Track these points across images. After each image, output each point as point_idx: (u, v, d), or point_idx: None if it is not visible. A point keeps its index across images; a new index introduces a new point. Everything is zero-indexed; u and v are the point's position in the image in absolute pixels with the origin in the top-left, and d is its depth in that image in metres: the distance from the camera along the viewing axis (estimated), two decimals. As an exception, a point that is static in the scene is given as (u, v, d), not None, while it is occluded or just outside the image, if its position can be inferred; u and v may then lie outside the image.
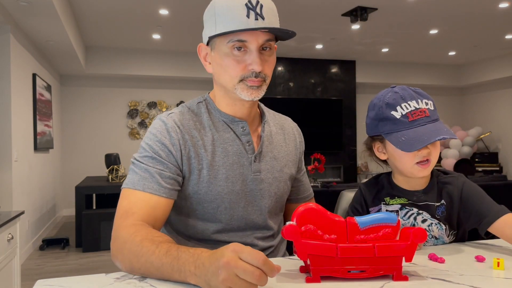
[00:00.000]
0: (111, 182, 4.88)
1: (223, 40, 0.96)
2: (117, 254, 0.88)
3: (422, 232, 0.77)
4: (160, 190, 0.96)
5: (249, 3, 0.93)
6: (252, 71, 0.96)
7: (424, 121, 1.00)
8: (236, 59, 0.96)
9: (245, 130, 1.06)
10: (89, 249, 4.36)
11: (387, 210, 1.09)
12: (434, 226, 1.07)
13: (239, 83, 0.98)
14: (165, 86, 7.29)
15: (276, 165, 1.11)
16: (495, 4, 4.85)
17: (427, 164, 1.03)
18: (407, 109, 1.01)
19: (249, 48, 0.96)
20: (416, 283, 0.77)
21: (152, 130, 1.02)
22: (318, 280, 0.77)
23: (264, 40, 0.96)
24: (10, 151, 3.81)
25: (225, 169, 1.03)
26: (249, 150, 1.06)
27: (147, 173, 0.97)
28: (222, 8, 0.94)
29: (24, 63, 4.34)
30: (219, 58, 0.99)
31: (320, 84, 7.60)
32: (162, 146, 0.99)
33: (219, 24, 0.94)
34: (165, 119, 1.03)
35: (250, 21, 0.92)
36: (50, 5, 3.52)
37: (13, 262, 2.27)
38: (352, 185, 3.72)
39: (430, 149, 1.02)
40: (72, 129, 6.88)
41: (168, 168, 0.99)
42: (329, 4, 4.81)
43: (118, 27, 5.54)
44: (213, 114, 1.07)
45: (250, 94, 0.98)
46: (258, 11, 0.93)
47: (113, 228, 0.94)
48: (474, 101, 8.66)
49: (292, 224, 0.77)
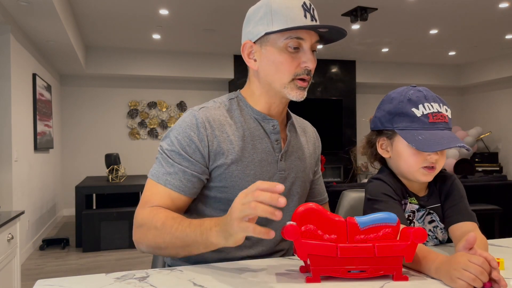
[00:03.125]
0: (111, 182, 4.88)
1: (280, 37, 0.99)
2: (141, 240, 0.98)
3: (422, 232, 0.77)
4: (180, 187, 1.00)
5: (304, 5, 0.99)
6: (305, 69, 1.01)
7: (443, 126, 0.98)
8: (291, 56, 1.00)
9: (275, 128, 1.08)
10: (89, 249, 4.35)
11: (410, 209, 1.05)
12: (439, 230, 1.06)
13: (290, 82, 1.02)
14: (165, 86, 7.29)
15: (300, 166, 1.13)
16: (495, 4, 4.85)
17: (432, 170, 1.01)
18: (429, 109, 0.98)
19: (302, 47, 1.00)
20: (416, 283, 0.77)
21: (182, 123, 1.03)
22: (318, 280, 0.77)
23: (316, 40, 1.01)
24: (10, 151, 3.81)
25: (254, 166, 1.04)
26: (276, 149, 1.08)
27: (172, 169, 1.01)
28: (280, 7, 0.98)
29: (24, 63, 4.34)
30: (272, 54, 1.01)
31: (320, 84, 7.60)
32: (189, 141, 1.01)
33: (276, 22, 0.98)
34: (196, 113, 1.04)
35: (307, 21, 0.98)
36: (50, 5, 3.52)
37: (13, 262, 2.27)
38: (352, 185, 3.72)
39: (439, 155, 1.00)
40: (72, 129, 6.88)
41: (193, 165, 1.01)
42: (329, 4, 4.81)
43: (118, 27, 5.54)
44: (245, 111, 1.09)
45: (298, 94, 1.03)
46: (312, 13, 1.00)
47: (134, 216, 1.01)
48: (474, 101, 8.66)
49: (292, 224, 0.77)
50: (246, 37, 1.06)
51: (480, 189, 3.79)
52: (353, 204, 1.38)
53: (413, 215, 1.05)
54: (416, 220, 1.05)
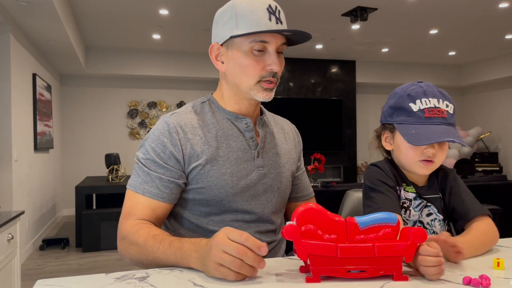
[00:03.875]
0: (111, 182, 4.88)
1: (244, 40, 1.00)
2: (125, 253, 1.00)
3: (422, 232, 0.77)
4: (158, 195, 1.02)
5: (270, 8, 1.00)
6: (270, 71, 1.02)
7: (440, 121, 1.00)
8: (256, 59, 1.01)
9: (248, 126, 1.09)
10: (89, 249, 4.36)
11: (406, 197, 1.08)
12: (437, 222, 1.08)
13: (256, 84, 1.03)
14: (165, 86, 7.29)
15: (279, 161, 1.14)
16: (495, 4, 4.85)
17: (430, 163, 1.03)
18: (426, 104, 1.01)
19: (267, 50, 1.01)
20: (416, 283, 0.77)
21: (155, 131, 1.05)
22: (318, 280, 0.77)
23: (281, 43, 1.02)
24: (10, 151, 3.81)
25: (230, 164, 1.05)
26: (252, 146, 1.09)
27: (148, 177, 1.02)
28: (245, 10, 0.99)
29: (24, 63, 4.34)
30: (237, 57, 1.02)
31: (320, 84, 7.60)
32: (163, 148, 1.03)
33: (241, 25, 0.99)
34: (168, 119, 1.06)
35: (272, 24, 0.99)
36: (50, 5, 3.52)
37: (13, 262, 2.27)
38: (352, 185, 3.72)
39: (436, 150, 1.02)
40: (72, 129, 6.88)
41: (169, 171, 1.03)
42: (329, 4, 4.81)
43: (118, 27, 5.54)
44: (217, 113, 1.10)
45: (265, 95, 1.04)
46: (277, 15, 1.01)
47: (118, 226, 1.03)
48: (474, 101, 8.66)
49: (292, 224, 0.77)
50: (213, 39, 1.07)
51: (480, 189, 3.79)
52: (357, 204, 1.38)
53: (409, 203, 1.08)
54: (413, 208, 1.07)
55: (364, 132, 8.19)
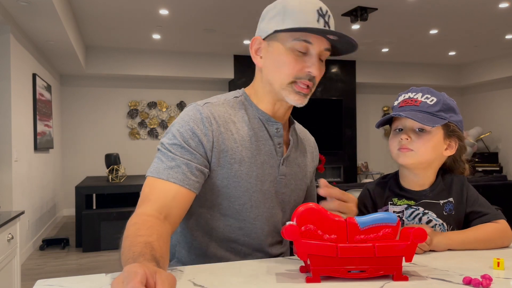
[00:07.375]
0: (111, 182, 4.88)
1: (288, 37, 0.97)
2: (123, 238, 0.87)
3: (422, 232, 0.77)
4: (184, 181, 0.93)
5: (320, 10, 0.96)
6: (308, 74, 0.97)
7: (410, 108, 1.05)
8: (296, 58, 0.97)
9: (279, 131, 1.05)
10: (89, 249, 4.36)
11: (394, 211, 1.09)
12: (438, 228, 1.07)
13: (289, 84, 0.98)
14: (165, 86, 7.29)
15: (299, 173, 1.11)
16: (495, 4, 4.85)
17: (406, 150, 1.05)
18: (403, 98, 1.09)
19: (309, 52, 0.97)
20: (416, 283, 0.77)
21: (185, 117, 0.99)
22: (318, 280, 0.77)
23: (325, 48, 0.98)
24: (10, 151, 3.81)
25: (256, 167, 1.01)
26: (279, 152, 1.05)
27: (174, 162, 0.94)
28: (294, 7, 0.96)
29: (24, 63, 4.34)
30: (277, 53, 0.98)
31: (320, 84, 7.59)
32: (193, 135, 0.97)
33: (287, 21, 0.95)
34: (201, 108, 1.00)
35: (320, 26, 0.95)
36: (50, 5, 3.52)
37: (13, 262, 2.27)
38: (352, 185, 3.72)
39: (413, 138, 1.04)
40: (72, 129, 6.88)
41: (196, 159, 0.96)
42: (329, 4, 4.80)
43: (118, 27, 5.54)
44: (249, 110, 1.06)
45: (297, 99, 0.99)
46: (326, 19, 0.97)
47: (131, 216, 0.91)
48: (474, 101, 8.66)
49: (292, 224, 0.77)
50: (257, 33, 1.04)
51: (480, 189, 3.79)
52: None
53: (401, 214, 1.09)
54: (406, 218, 1.08)
55: (364, 132, 8.19)
